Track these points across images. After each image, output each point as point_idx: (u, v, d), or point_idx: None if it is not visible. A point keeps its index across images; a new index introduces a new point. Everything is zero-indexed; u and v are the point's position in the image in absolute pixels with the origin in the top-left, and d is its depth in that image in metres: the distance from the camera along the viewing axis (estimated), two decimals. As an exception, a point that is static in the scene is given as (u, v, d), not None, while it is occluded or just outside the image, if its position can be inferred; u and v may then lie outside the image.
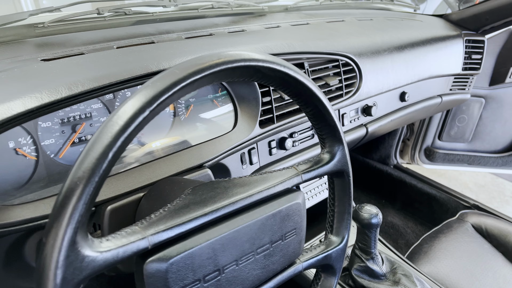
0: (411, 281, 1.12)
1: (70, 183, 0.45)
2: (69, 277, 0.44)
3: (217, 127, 0.97)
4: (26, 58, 0.80)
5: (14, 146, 0.70)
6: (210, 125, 0.96)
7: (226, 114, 0.99)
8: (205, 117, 0.96)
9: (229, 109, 1.00)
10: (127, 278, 1.54)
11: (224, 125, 0.98)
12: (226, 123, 0.99)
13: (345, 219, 0.82)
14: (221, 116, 0.98)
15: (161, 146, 0.87)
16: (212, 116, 0.97)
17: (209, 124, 0.96)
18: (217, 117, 0.97)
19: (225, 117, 0.99)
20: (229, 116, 1.00)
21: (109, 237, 0.50)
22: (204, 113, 0.96)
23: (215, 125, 0.97)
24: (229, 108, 1.00)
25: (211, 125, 0.96)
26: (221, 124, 0.98)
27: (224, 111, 0.99)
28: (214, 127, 0.97)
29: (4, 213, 0.64)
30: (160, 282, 0.54)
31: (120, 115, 0.47)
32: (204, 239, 0.58)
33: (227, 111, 0.99)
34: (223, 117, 0.99)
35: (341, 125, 0.74)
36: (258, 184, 0.67)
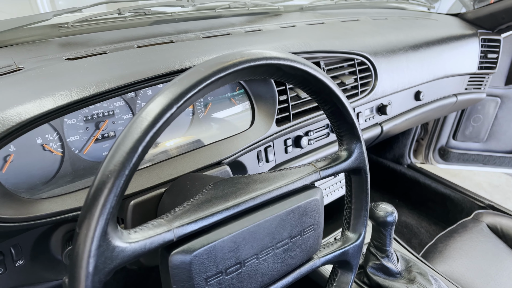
0: (427, 279, 1.12)
1: (101, 176, 0.46)
2: (100, 266, 0.46)
3: (235, 125, 0.99)
4: (51, 57, 0.83)
5: (41, 142, 0.73)
6: (228, 123, 0.98)
7: (243, 113, 1.01)
8: (223, 115, 0.97)
9: (246, 108, 1.01)
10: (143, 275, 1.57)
11: (241, 123, 1.00)
12: (243, 121, 1.00)
13: (362, 216, 0.83)
14: (239, 114, 1.00)
15: (180, 144, 0.89)
16: (229, 114, 0.99)
17: (226, 122, 0.98)
18: (234, 115, 0.99)
19: (242, 116, 1.01)
20: (246, 115, 1.01)
21: (137, 229, 0.52)
22: (222, 111, 0.97)
23: (232, 123, 0.99)
24: (246, 106, 1.01)
25: (229, 123, 0.98)
26: (238, 122, 1.00)
27: (241, 109, 1.01)
28: (232, 125, 0.98)
29: (33, 206, 0.66)
30: (184, 273, 0.55)
31: (149, 111, 0.49)
32: (226, 233, 0.59)
33: (244, 109, 1.01)
34: (241, 116, 1.00)
35: (358, 123, 0.75)
36: (277, 180, 0.68)
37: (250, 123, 1.00)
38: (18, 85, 0.68)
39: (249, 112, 1.01)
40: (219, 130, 0.96)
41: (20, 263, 0.72)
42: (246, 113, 1.01)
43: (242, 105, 1.01)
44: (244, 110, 1.01)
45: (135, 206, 0.74)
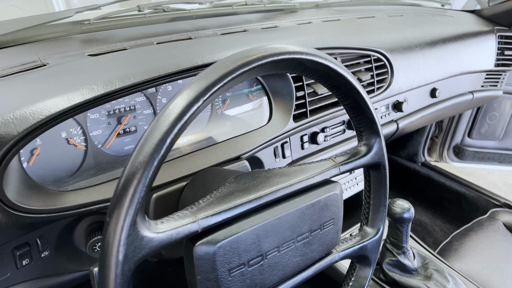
0: (444, 276, 1.12)
1: (131, 167, 0.48)
2: (130, 254, 0.47)
3: (252, 120, 1.00)
4: (74, 53, 0.84)
5: (66, 136, 0.74)
6: (246, 119, 0.99)
7: (261, 109, 1.02)
8: (241, 111, 0.98)
9: (263, 104, 1.02)
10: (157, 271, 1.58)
11: (258, 119, 1.01)
12: (260, 117, 1.01)
13: (381, 211, 0.83)
14: (256, 110, 1.01)
15: (200, 139, 0.90)
16: (247, 110, 0.99)
17: (244, 118, 0.98)
18: (252, 111, 1.00)
19: (260, 111, 1.01)
20: (263, 110, 1.02)
21: (163, 220, 0.53)
22: (240, 107, 0.98)
23: (250, 119, 0.99)
24: (263, 102, 1.02)
25: (247, 119, 0.99)
26: (256, 118, 1.00)
27: (258, 105, 1.01)
28: (249, 120, 0.99)
29: (60, 198, 0.68)
30: (209, 264, 0.56)
31: (176, 105, 0.50)
32: (249, 225, 0.60)
33: (261, 105, 1.02)
34: (258, 111, 1.01)
35: (378, 118, 0.75)
36: (297, 174, 0.69)
37: (267, 119, 1.01)
38: (44, 80, 0.69)
39: (266, 108, 1.02)
40: (237, 126, 0.97)
41: (46, 254, 0.74)
42: (264, 109, 1.02)
43: (259, 101, 1.01)
44: (262, 106, 1.02)
45: (158, 199, 0.76)
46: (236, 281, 0.59)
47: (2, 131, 0.58)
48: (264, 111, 1.02)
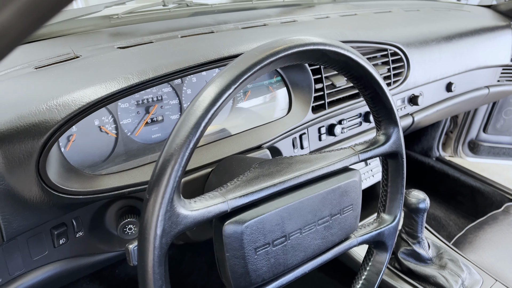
0: (458, 266, 1.14)
1: (168, 149, 0.51)
2: (167, 229, 0.51)
3: (272, 111, 1.03)
4: (104, 46, 0.88)
5: (98, 124, 0.79)
6: (266, 110, 1.02)
7: (281, 100, 1.05)
8: (261, 102, 1.02)
9: (283, 95, 1.05)
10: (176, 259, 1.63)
11: (278, 110, 1.04)
12: (280, 108, 1.04)
13: (398, 199, 0.86)
14: (276, 101, 1.04)
15: (223, 128, 0.94)
16: (267, 101, 1.03)
17: (265, 109, 1.02)
18: (272, 103, 1.03)
19: (279, 103, 1.05)
20: (283, 102, 1.05)
21: (196, 200, 0.57)
22: (260, 98, 1.02)
23: (270, 110, 1.03)
24: (283, 94, 1.05)
25: (267, 110, 1.02)
26: (275, 109, 1.04)
27: (278, 97, 1.05)
28: (270, 111, 1.03)
29: (95, 181, 0.72)
30: (237, 242, 0.60)
31: (210, 92, 0.54)
32: (274, 207, 0.64)
33: (281, 97, 1.05)
34: (278, 103, 1.04)
35: (396, 109, 0.78)
36: (319, 161, 0.72)
37: (287, 110, 1.04)
38: (80, 70, 0.74)
39: (285, 99, 1.05)
40: (257, 116, 1.00)
41: (80, 234, 0.78)
42: (283, 100, 1.05)
43: (279, 92, 1.04)
44: (281, 98, 1.05)
45: (185, 184, 0.80)
46: (262, 260, 0.63)
47: (47, 116, 0.62)
48: (284, 103, 1.05)
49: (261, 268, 0.63)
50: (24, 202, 0.64)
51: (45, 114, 0.62)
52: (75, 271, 0.81)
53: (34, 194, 0.64)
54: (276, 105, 1.04)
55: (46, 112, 0.62)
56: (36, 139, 0.61)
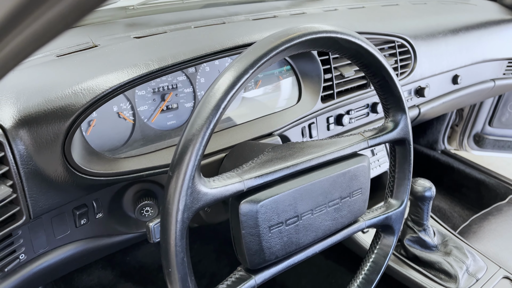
0: (463, 253, 1.17)
1: (190, 129, 0.55)
2: (189, 204, 0.54)
3: (282, 100, 1.06)
4: (121, 36, 0.92)
5: (117, 110, 0.82)
6: (276, 99, 1.05)
7: (290, 89, 1.08)
8: (272, 91, 1.05)
9: (293, 85, 1.08)
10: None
11: (288, 99, 1.07)
12: (290, 97, 1.07)
13: (405, 185, 0.88)
14: (286, 90, 1.07)
15: (235, 116, 0.97)
16: (278, 90, 1.06)
17: (275, 98, 1.05)
18: (282, 92, 1.06)
19: (289, 92, 1.07)
20: (293, 91, 1.08)
21: (215, 179, 0.60)
22: (271, 87, 1.04)
23: (280, 99, 1.06)
24: (293, 83, 1.08)
25: (277, 99, 1.05)
26: (285, 98, 1.07)
27: (288, 86, 1.07)
28: (280, 100, 1.05)
29: (115, 164, 0.76)
30: (252, 220, 0.63)
31: (228, 76, 0.57)
32: (286, 188, 0.67)
33: (291, 86, 1.08)
34: (288, 92, 1.07)
35: (404, 97, 0.80)
36: (329, 146, 0.75)
37: (297, 99, 1.07)
38: (101, 58, 0.77)
39: (295, 89, 1.08)
40: (268, 105, 1.03)
41: (100, 215, 0.82)
42: (293, 89, 1.08)
43: (289, 82, 1.07)
44: (291, 87, 1.08)
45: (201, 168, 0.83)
46: (275, 238, 0.66)
47: (73, 100, 0.66)
48: (294, 92, 1.08)
49: (274, 246, 0.67)
50: (50, 182, 0.68)
51: (71, 98, 0.66)
52: (95, 251, 0.84)
53: (59, 174, 0.68)
54: (286, 94, 1.07)
55: (72, 96, 0.66)
56: (62, 122, 0.65)
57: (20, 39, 0.26)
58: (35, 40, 0.27)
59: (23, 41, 0.27)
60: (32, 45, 0.27)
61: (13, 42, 0.27)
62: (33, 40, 0.27)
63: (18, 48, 0.27)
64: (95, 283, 1.52)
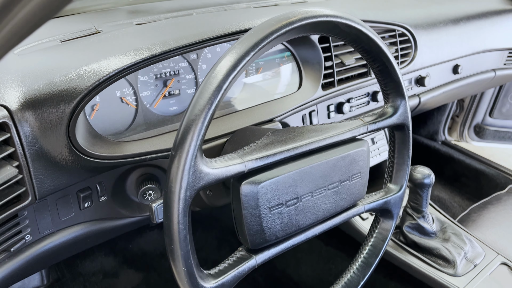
0: (461, 239, 1.18)
1: (192, 110, 0.56)
2: (191, 183, 0.56)
3: (283, 87, 1.07)
4: (123, 22, 0.93)
5: (120, 95, 0.83)
6: (277, 86, 1.06)
7: (291, 76, 1.09)
8: (273, 78, 1.06)
9: (294, 72, 1.09)
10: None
11: (289, 86, 1.08)
12: (291, 84, 1.08)
13: (404, 170, 0.90)
14: (287, 77, 1.08)
15: (236, 102, 0.98)
16: (279, 77, 1.07)
17: (276, 85, 1.06)
18: (283, 79, 1.07)
19: (290, 79, 1.08)
20: (293, 78, 1.09)
21: (216, 159, 0.61)
22: (272, 74, 1.05)
23: (281, 86, 1.07)
24: (294, 70, 1.09)
25: (278, 86, 1.06)
26: (286, 85, 1.08)
27: (289, 73, 1.08)
28: (281, 87, 1.06)
29: (119, 147, 0.77)
30: (253, 201, 0.65)
31: (229, 58, 0.58)
32: (287, 170, 0.68)
33: (292, 73, 1.09)
34: (289, 79, 1.08)
35: (404, 82, 0.81)
36: (329, 130, 0.76)
37: (297, 86, 1.08)
38: (104, 43, 0.78)
39: (296, 76, 1.09)
40: (269, 92, 1.04)
41: (103, 199, 0.83)
42: (294, 77, 1.09)
43: (290, 69, 1.08)
44: (292, 74, 1.09)
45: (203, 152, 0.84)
46: (276, 218, 0.68)
47: (77, 83, 0.67)
48: (295, 79, 1.09)
49: (275, 227, 0.68)
50: (55, 164, 0.69)
51: (76, 80, 0.67)
52: (99, 234, 0.86)
53: (64, 156, 0.69)
54: (287, 81, 1.08)
55: (76, 79, 0.67)
56: (67, 104, 0.66)
57: (11, 26, 0.27)
58: (24, 26, 0.27)
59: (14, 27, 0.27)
60: (23, 30, 0.28)
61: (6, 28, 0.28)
62: (22, 26, 0.27)
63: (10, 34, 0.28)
64: (98, 269, 1.54)
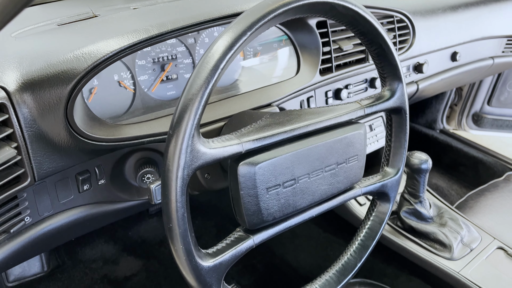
0: (458, 224, 1.19)
1: (189, 89, 0.56)
2: (188, 162, 0.56)
3: (281, 72, 1.07)
4: (121, 7, 0.92)
5: (118, 79, 0.83)
6: (275, 71, 1.06)
7: (289, 62, 1.09)
8: (271, 63, 1.06)
9: (292, 57, 1.09)
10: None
11: (287, 71, 1.08)
12: (289, 69, 1.08)
13: (401, 153, 0.90)
14: (285, 62, 1.08)
15: (234, 86, 0.99)
16: (276, 62, 1.07)
17: (274, 70, 1.06)
18: (281, 64, 1.07)
19: (288, 64, 1.09)
20: (291, 64, 1.09)
21: (214, 140, 0.62)
22: (270, 59, 1.05)
23: (279, 71, 1.07)
24: (291, 54, 1.09)
25: (276, 71, 1.06)
26: (284, 70, 1.08)
27: (287, 58, 1.08)
28: (279, 72, 1.07)
29: (117, 130, 0.77)
30: (250, 181, 0.65)
31: (226, 37, 0.58)
32: (284, 152, 0.69)
33: (290, 58, 1.09)
34: (287, 64, 1.08)
35: (401, 65, 0.81)
36: (326, 113, 0.77)
37: (295, 71, 1.08)
38: (102, 25, 0.78)
39: (294, 61, 1.09)
40: (267, 76, 1.04)
41: (102, 182, 0.84)
42: (292, 62, 1.09)
43: (288, 55, 1.08)
44: (290, 59, 1.09)
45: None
46: (273, 199, 0.68)
47: (74, 64, 0.67)
48: (292, 65, 1.09)
49: (272, 207, 0.69)
50: (53, 146, 0.69)
51: (73, 62, 0.67)
52: (98, 217, 0.87)
53: (62, 138, 0.69)
54: (284, 65, 1.08)
55: (73, 60, 0.67)
56: (64, 85, 0.66)
57: None
58: None
59: None
60: None
61: None
62: None
63: None
64: (98, 256, 1.55)
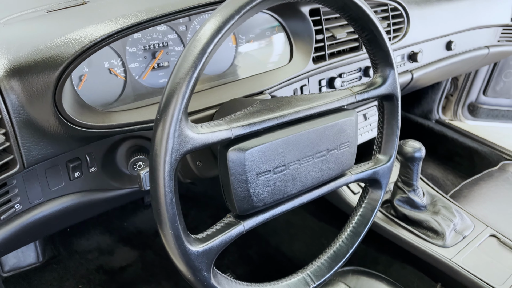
0: (451, 212, 1.20)
1: (176, 73, 0.56)
2: (176, 146, 0.56)
3: (274, 60, 1.07)
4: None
5: (108, 66, 0.83)
6: (268, 58, 1.06)
7: (282, 49, 1.08)
8: (263, 51, 1.05)
9: (285, 45, 1.08)
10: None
11: (280, 59, 1.08)
12: (282, 57, 1.08)
13: (392, 140, 0.90)
14: (278, 50, 1.08)
15: (227, 73, 0.98)
16: (269, 50, 1.06)
17: (267, 57, 1.06)
18: (274, 51, 1.07)
19: (281, 52, 1.08)
20: (284, 51, 1.09)
21: (203, 125, 0.61)
22: (263, 47, 1.05)
23: (272, 58, 1.07)
24: (285, 43, 1.08)
25: (269, 58, 1.06)
26: (277, 57, 1.07)
27: (280, 46, 1.08)
28: (271, 60, 1.06)
29: (107, 117, 0.77)
30: (240, 167, 0.65)
31: (213, 22, 0.58)
32: (274, 138, 0.69)
33: (283, 46, 1.08)
34: (279, 52, 1.08)
35: (393, 51, 0.81)
36: (317, 99, 0.77)
37: (288, 59, 1.08)
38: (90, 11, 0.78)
39: (287, 49, 1.09)
40: (260, 64, 1.04)
41: (93, 169, 0.83)
42: (284, 50, 1.09)
43: (281, 42, 1.08)
44: (283, 47, 1.08)
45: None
46: (263, 185, 0.68)
47: (62, 49, 0.66)
48: (285, 52, 1.09)
49: (262, 193, 0.69)
50: (42, 132, 0.69)
51: (60, 47, 0.66)
52: (90, 205, 0.87)
53: (51, 125, 0.69)
54: (277, 54, 1.08)
55: (61, 45, 0.67)
56: (52, 71, 0.66)
57: None
58: None
59: None
60: None
61: None
62: None
63: None
64: (94, 247, 1.56)
